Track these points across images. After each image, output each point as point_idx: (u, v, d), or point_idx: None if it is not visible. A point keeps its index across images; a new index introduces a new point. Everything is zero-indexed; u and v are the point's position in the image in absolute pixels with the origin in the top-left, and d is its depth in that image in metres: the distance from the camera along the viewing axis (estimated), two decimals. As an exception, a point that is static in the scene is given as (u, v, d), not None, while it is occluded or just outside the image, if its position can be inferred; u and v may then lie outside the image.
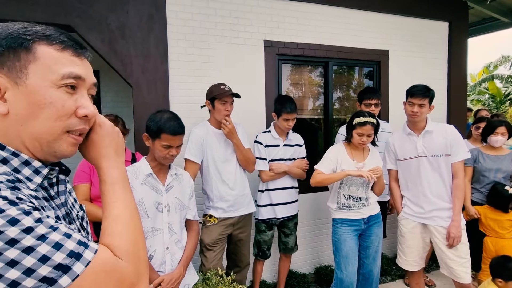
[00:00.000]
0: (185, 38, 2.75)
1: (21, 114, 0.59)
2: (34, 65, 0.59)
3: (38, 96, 0.59)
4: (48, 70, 0.60)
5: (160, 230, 1.62)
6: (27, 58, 0.59)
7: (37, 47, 0.60)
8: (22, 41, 0.59)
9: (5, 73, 0.58)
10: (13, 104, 0.58)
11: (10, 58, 0.58)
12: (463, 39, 3.92)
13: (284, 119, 2.49)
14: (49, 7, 2.31)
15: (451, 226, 2.20)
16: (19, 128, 0.59)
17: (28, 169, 0.61)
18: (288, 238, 2.72)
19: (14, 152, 0.60)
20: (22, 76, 0.58)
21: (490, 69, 13.59)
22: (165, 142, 1.56)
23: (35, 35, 0.60)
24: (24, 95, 0.58)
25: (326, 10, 3.25)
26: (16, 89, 0.58)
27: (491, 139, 2.83)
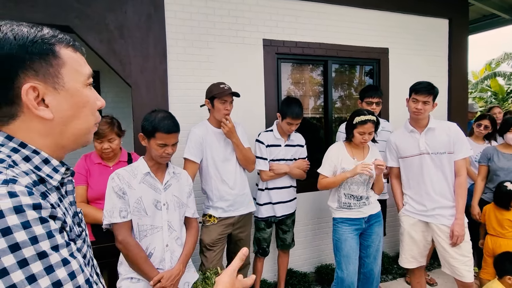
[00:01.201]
0: (184, 37, 2.74)
1: (65, 116, 0.64)
2: (65, 69, 0.63)
3: (78, 98, 0.65)
4: (76, 72, 0.65)
5: (160, 228, 1.62)
6: (58, 63, 0.62)
7: (60, 51, 0.63)
8: (50, 46, 0.62)
9: (42, 80, 0.60)
10: (56, 108, 0.62)
11: (43, 65, 0.60)
12: (464, 37, 3.90)
13: (287, 123, 2.48)
14: (48, 8, 2.31)
15: (455, 225, 2.18)
16: (62, 128, 0.64)
17: (47, 167, 0.64)
18: (286, 235, 2.73)
19: (35, 150, 0.62)
20: (59, 81, 0.62)
21: (493, 66, 13.51)
22: (160, 141, 1.57)
23: (55, 39, 0.63)
24: (66, 99, 0.63)
25: (325, 8, 3.24)
26: (56, 93, 0.62)
27: (507, 137, 2.80)
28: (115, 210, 1.56)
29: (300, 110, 2.47)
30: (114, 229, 1.57)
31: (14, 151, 0.60)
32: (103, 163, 2.13)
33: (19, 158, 0.60)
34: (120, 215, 1.55)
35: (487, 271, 2.65)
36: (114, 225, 1.57)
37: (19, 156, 0.60)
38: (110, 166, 2.14)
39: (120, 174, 1.59)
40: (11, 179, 0.53)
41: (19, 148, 0.61)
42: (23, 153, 0.61)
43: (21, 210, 0.50)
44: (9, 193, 0.51)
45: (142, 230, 1.60)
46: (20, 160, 0.60)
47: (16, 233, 0.49)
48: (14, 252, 0.48)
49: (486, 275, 2.66)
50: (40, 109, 0.60)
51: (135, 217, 1.59)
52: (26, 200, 0.52)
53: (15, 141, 0.61)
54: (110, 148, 2.09)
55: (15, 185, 0.53)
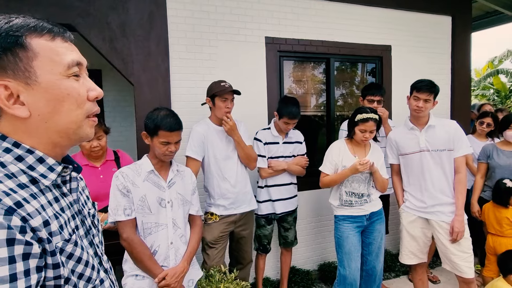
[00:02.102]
0: (186, 36, 2.74)
1: (43, 113, 0.59)
2: (37, 61, 0.58)
3: (55, 91, 0.60)
4: (52, 63, 0.60)
5: (164, 225, 1.63)
6: (27, 55, 0.57)
7: (30, 42, 0.58)
8: (15, 39, 0.56)
9: (12, 76, 0.56)
10: (32, 105, 0.58)
11: (10, 60, 0.56)
12: (467, 34, 3.88)
13: (284, 122, 2.48)
14: (50, 7, 2.31)
15: (455, 221, 2.19)
16: (44, 126, 0.60)
17: (42, 166, 0.61)
18: (288, 232, 2.73)
19: (29, 149, 0.60)
20: (30, 76, 0.57)
21: (495, 64, 13.44)
22: (163, 139, 1.57)
23: (24, 29, 0.58)
24: (41, 94, 0.58)
25: (328, 5, 3.23)
26: (30, 89, 0.57)
27: (507, 134, 2.79)
28: (120, 208, 1.56)
29: (297, 110, 2.45)
30: (119, 227, 1.58)
31: (6, 151, 0.58)
32: (90, 164, 2.13)
33: (10, 158, 0.58)
34: (124, 213, 1.56)
35: (490, 269, 2.65)
36: (118, 223, 1.58)
37: (11, 156, 0.58)
38: (98, 166, 2.14)
39: (124, 172, 1.60)
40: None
41: (12, 148, 0.58)
42: (15, 153, 0.58)
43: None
44: None
45: (147, 228, 1.60)
46: (12, 160, 0.58)
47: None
48: None
49: (489, 272, 2.66)
50: (13, 107, 0.57)
51: (140, 215, 1.59)
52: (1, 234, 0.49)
53: (9, 141, 0.58)
54: (99, 145, 2.10)
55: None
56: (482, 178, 2.92)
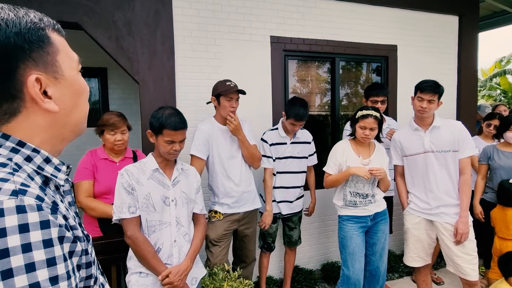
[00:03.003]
0: (191, 34, 2.75)
1: (67, 107, 0.60)
2: (60, 56, 0.59)
3: (76, 86, 0.62)
4: (68, 58, 0.61)
5: (168, 223, 1.64)
6: (52, 50, 0.58)
7: (52, 36, 0.58)
8: (44, 32, 0.56)
9: (42, 70, 0.56)
10: (59, 100, 0.59)
11: (41, 54, 0.56)
12: (474, 34, 3.84)
13: (291, 123, 2.48)
14: (57, 5, 2.33)
15: (459, 222, 2.18)
16: (64, 120, 0.61)
17: (49, 167, 0.59)
18: (292, 232, 2.73)
19: (35, 149, 0.57)
20: (57, 70, 0.58)
21: (502, 64, 13.29)
22: (167, 138, 1.58)
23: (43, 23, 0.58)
24: (67, 88, 0.60)
25: (333, 5, 3.21)
26: (57, 83, 0.58)
27: (507, 136, 2.77)
28: (124, 205, 1.57)
29: (304, 112, 2.44)
30: (123, 225, 1.59)
31: (13, 151, 0.55)
32: (110, 158, 2.14)
33: (20, 159, 0.55)
34: (129, 211, 1.57)
35: (496, 271, 2.63)
36: (123, 220, 1.59)
37: (20, 157, 0.55)
38: (117, 161, 2.16)
39: (129, 170, 1.61)
40: (20, 190, 0.48)
41: (18, 148, 0.55)
42: (23, 153, 0.55)
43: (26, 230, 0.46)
44: (18, 208, 0.46)
45: (151, 226, 1.61)
46: (22, 161, 0.55)
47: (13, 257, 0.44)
48: (5, 280, 0.43)
49: (494, 275, 2.64)
50: (46, 101, 0.56)
51: (144, 213, 1.60)
52: (34, 217, 0.47)
53: (13, 140, 0.55)
54: (123, 140, 2.11)
55: (25, 197, 0.48)
56: (483, 180, 2.91)
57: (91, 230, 2.08)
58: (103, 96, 4.38)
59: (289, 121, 2.48)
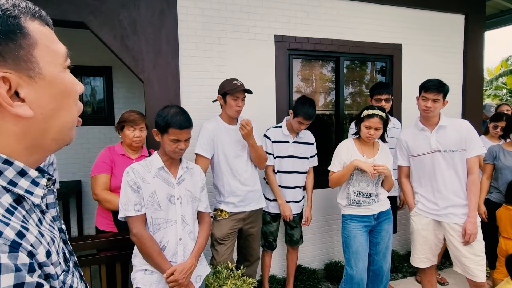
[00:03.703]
0: (196, 33, 2.76)
1: (46, 111, 0.50)
2: (38, 50, 0.49)
3: (59, 86, 0.52)
4: (51, 53, 0.51)
5: (174, 221, 1.65)
6: (28, 43, 0.47)
7: (28, 26, 0.48)
8: (16, 21, 0.46)
9: (13, 67, 0.46)
10: (35, 102, 0.49)
11: (11, 47, 0.46)
12: (480, 33, 3.81)
13: (298, 122, 2.48)
14: (62, 5, 2.35)
15: (467, 223, 2.16)
16: (42, 127, 0.51)
17: (25, 181, 0.49)
18: (294, 231, 2.74)
19: (7, 160, 0.48)
20: (34, 67, 0.48)
21: (509, 63, 13.16)
22: (173, 137, 1.58)
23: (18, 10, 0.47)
24: (45, 89, 0.49)
25: (338, 4, 3.20)
26: (33, 83, 0.48)
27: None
28: (130, 203, 1.58)
29: (313, 111, 2.45)
30: (129, 222, 1.61)
31: None
32: (127, 155, 2.21)
33: None
34: (134, 209, 1.58)
35: (501, 271, 2.61)
36: (128, 218, 1.60)
37: None
38: (133, 159, 2.21)
39: (134, 168, 1.62)
40: None
41: None
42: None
43: None
44: None
45: (156, 224, 1.62)
46: None
47: None
48: None
49: (500, 275, 2.63)
50: (16, 105, 0.47)
51: (149, 211, 1.62)
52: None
53: None
54: (141, 136, 2.19)
55: None
56: (488, 179, 2.88)
57: (105, 223, 2.15)
58: (108, 94, 4.40)
59: (296, 120, 2.47)
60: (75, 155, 4.21)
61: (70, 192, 3.87)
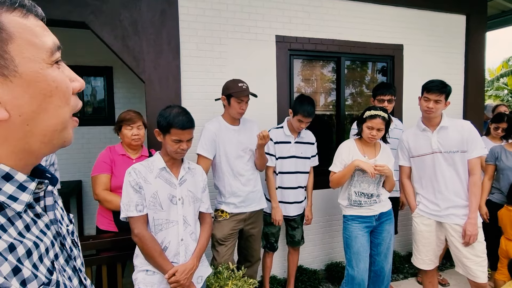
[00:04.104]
0: (197, 34, 2.75)
1: (26, 113, 0.46)
2: (14, 45, 0.44)
3: (41, 84, 0.47)
4: (32, 47, 0.46)
5: (175, 222, 1.64)
6: (1, 37, 0.43)
7: (2, 19, 0.44)
8: None
9: None
10: (11, 103, 0.44)
11: None
12: (481, 33, 3.80)
13: (298, 120, 2.47)
14: (64, 5, 2.34)
15: (467, 224, 2.15)
16: (24, 129, 0.47)
17: (10, 185, 0.46)
18: (295, 232, 2.73)
19: None
20: (7, 64, 0.44)
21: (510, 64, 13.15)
22: (175, 137, 1.58)
23: None
24: (23, 88, 0.45)
25: (339, 4, 3.20)
26: (7, 83, 0.44)
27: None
28: (132, 204, 1.58)
29: (312, 109, 2.45)
30: (131, 223, 1.60)
31: None
32: (127, 155, 2.21)
33: None
34: (136, 209, 1.58)
35: (503, 272, 2.61)
36: (130, 218, 1.60)
37: None
38: (133, 158, 2.21)
39: (136, 168, 1.62)
40: None
41: None
42: None
43: None
44: None
45: (158, 224, 1.62)
46: None
47: None
48: None
49: (501, 276, 2.62)
50: None
51: (151, 211, 1.61)
52: None
53: None
54: (139, 134, 2.19)
55: None
56: (490, 180, 2.88)
57: (106, 223, 2.15)
58: (109, 95, 4.41)
59: (296, 118, 2.47)
60: (75, 155, 4.21)
61: (70, 192, 3.87)
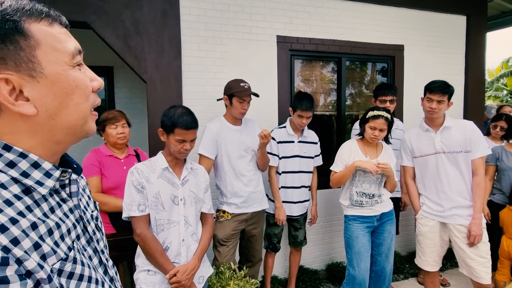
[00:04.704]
0: (198, 34, 2.75)
1: (51, 109, 0.53)
2: (40, 51, 0.51)
3: (63, 84, 0.54)
4: (56, 52, 0.53)
5: (176, 222, 1.64)
6: (29, 44, 0.50)
7: (30, 28, 0.51)
8: (14, 24, 0.49)
9: (14, 69, 0.49)
10: (39, 101, 0.52)
11: (11, 50, 0.49)
12: (482, 34, 3.81)
13: (298, 115, 2.47)
14: (65, 5, 2.34)
15: (472, 224, 2.15)
16: (51, 123, 0.54)
17: (38, 172, 0.54)
18: (298, 232, 2.73)
19: (22, 153, 0.52)
20: (35, 67, 0.51)
21: (509, 64, 13.17)
22: (178, 137, 1.58)
23: (20, 13, 0.50)
24: (48, 87, 0.52)
25: (340, 4, 3.20)
26: (35, 83, 0.51)
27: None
28: (134, 203, 1.58)
29: (310, 102, 2.45)
30: (132, 222, 1.60)
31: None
32: (114, 155, 2.18)
33: (0, 165, 0.51)
34: (138, 209, 1.58)
35: (503, 273, 2.61)
36: (132, 218, 1.60)
37: (1, 163, 0.51)
38: (121, 158, 2.19)
39: (139, 168, 1.62)
40: None
41: (2, 152, 0.51)
42: (5, 158, 0.51)
43: None
44: None
45: (159, 224, 1.62)
46: (2, 167, 0.50)
47: None
48: None
49: (501, 276, 2.62)
50: (18, 104, 0.50)
51: (153, 211, 1.61)
52: None
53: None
54: (124, 132, 2.17)
55: None
56: (491, 181, 2.88)
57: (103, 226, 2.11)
58: (109, 95, 4.40)
59: (296, 114, 2.47)
60: (76, 155, 4.18)
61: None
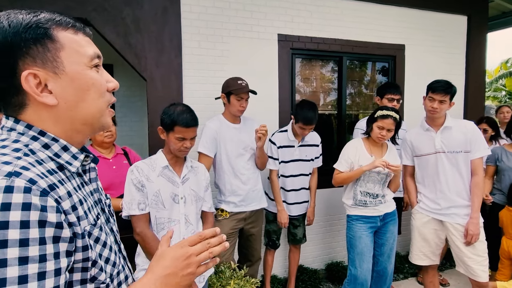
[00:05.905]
0: (199, 32, 2.74)
1: (70, 101, 0.63)
2: (64, 52, 0.62)
3: (81, 81, 0.64)
4: (77, 54, 0.63)
5: (177, 221, 1.63)
6: (55, 46, 0.61)
7: (57, 34, 0.62)
8: (44, 30, 0.60)
9: (41, 66, 0.59)
10: (60, 94, 0.61)
11: (40, 51, 0.59)
12: (482, 34, 3.81)
13: (300, 127, 2.44)
14: (66, 1, 2.33)
15: (470, 223, 2.16)
16: (69, 114, 0.64)
17: (67, 154, 0.64)
18: (297, 230, 2.72)
19: (54, 138, 0.63)
20: (58, 65, 0.61)
21: (508, 65, 13.20)
22: (178, 135, 1.57)
23: (51, 22, 0.62)
24: (68, 83, 0.62)
25: (341, 3, 3.19)
26: (57, 78, 0.61)
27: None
28: (134, 202, 1.57)
29: (313, 115, 2.38)
30: (133, 221, 1.59)
31: (33, 139, 0.61)
32: (102, 155, 2.18)
33: (38, 146, 0.61)
34: (138, 208, 1.57)
35: (503, 273, 2.62)
36: (132, 217, 1.59)
37: (39, 144, 0.61)
38: (109, 158, 2.19)
39: (139, 167, 1.60)
40: (16, 172, 0.52)
41: (39, 136, 0.61)
42: (42, 141, 0.61)
43: (7, 209, 0.49)
44: (6, 188, 0.50)
45: (160, 223, 1.61)
46: (40, 148, 0.61)
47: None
48: None
49: (502, 277, 2.63)
50: (42, 95, 0.60)
51: (153, 210, 1.60)
52: (17, 198, 0.50)
53: (35, 130, 0.61)
54: (111, 131, 2.16)
55: (17, 178, 0.51)
56: (490, 180, 2.89)
57: None
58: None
59: (298, 125, 2.44)
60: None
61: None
